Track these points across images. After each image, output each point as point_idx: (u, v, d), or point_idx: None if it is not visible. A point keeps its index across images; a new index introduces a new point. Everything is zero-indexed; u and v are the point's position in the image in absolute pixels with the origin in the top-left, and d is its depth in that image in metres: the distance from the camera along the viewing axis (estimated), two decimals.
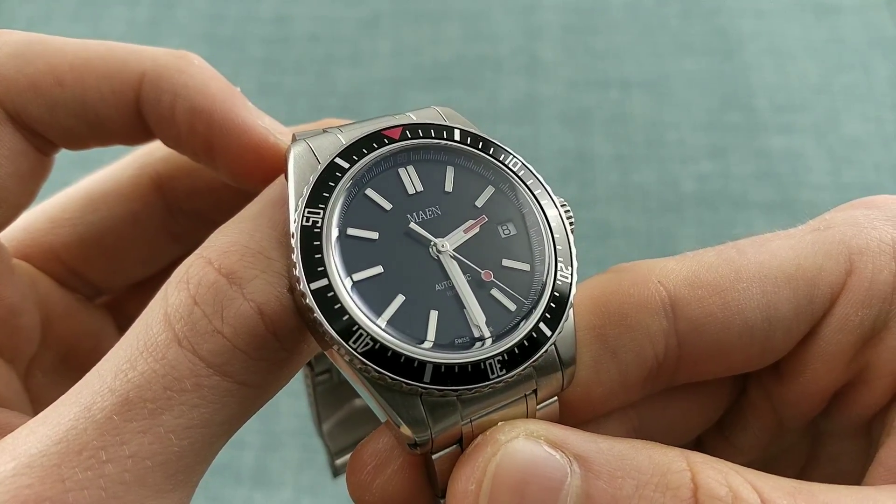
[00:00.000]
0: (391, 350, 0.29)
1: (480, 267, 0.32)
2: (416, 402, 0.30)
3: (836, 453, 0.39)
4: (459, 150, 0.34)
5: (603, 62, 1.02)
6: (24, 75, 0.36)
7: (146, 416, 0.28)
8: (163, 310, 0.30)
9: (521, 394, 0.32)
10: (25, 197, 0.39)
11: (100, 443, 0.28)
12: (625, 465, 0.29)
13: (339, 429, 0.55)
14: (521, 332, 0.31)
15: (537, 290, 0.32)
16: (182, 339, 0.29)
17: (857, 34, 1.03)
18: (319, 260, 0.30)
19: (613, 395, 0.35)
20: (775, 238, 0.36)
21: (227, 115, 0.37)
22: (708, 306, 0.34)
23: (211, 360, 0.29)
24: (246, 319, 0.30)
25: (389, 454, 0.32)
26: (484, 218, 0.33)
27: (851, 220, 0.36)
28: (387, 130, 0.34)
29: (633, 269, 0.35)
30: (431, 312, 0.31)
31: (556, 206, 0.34)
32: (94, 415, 0.28)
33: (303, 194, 0.31)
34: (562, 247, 0.33)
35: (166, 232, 0.47)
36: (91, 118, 0.38)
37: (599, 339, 0.34)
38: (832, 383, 0.36)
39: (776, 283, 0.34)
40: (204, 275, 0.30)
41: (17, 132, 0.38)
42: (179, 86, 0.37)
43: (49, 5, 1.11)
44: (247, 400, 0.31)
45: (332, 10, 1.09)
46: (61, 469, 0.27)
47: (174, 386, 0.29)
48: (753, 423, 0.39)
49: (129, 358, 0.29)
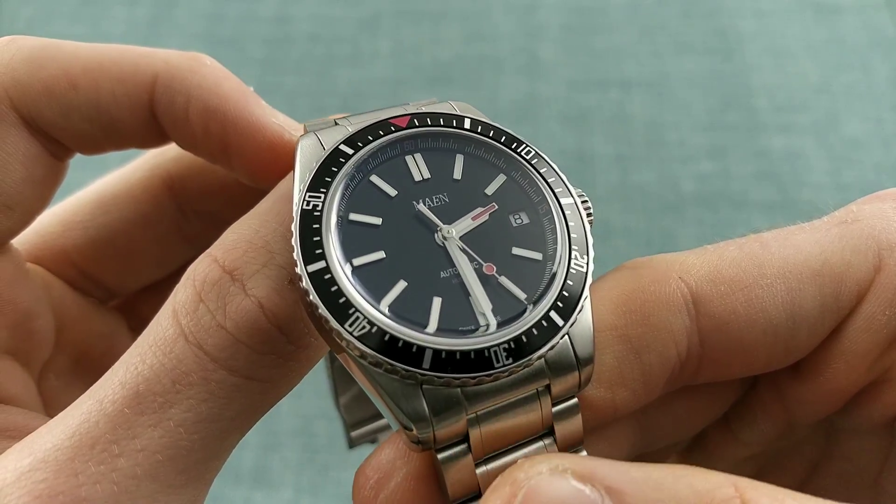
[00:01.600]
0: (388, 334, 0.28)
1: (485, 258, 0.31)
2: (417, 393, 0.29)
3: (853, 451, 0.38)
4: (470, 139, 0.34)
5: (603, 62, 1.02)
6: (38, 80, 0.36)
7: (156, 409, 0.29)
8: (171, 306, 0.31)
9: (531, 389, 0.30)
10: (39, 202, 0.39)
11: (112, 436, 0.28)
12: (663, 495, 0.25)
13: (355, 402, 0.55)
14: (531, 320, 0.30)
15: (548, 279, 0.31)
16: (188, 334, 0.30)
17: (857, 34, 1.03)
18: (318, 243, 0.29)
19: (636, 397, 0.33)
20: (800, 231, 0.34)
21: (241, 114, 0.37)
22: (731, 303, 0.33)
23: (216, 354, 0.30)
24: (248, 314, 0.30)
25: (392, 466, 0.31)
26: (493, 206, 0.33)
27: (880, 213, 0.34)
28: (395, 119, 0.33)
29: (652, 266, 0.34)
30: (435, 299, 0.30)
31: (573, 194, 0.33)
32: (106, 407, 0.29)
33: (305, 180, 0.31)
34: (577, 235, 0.32)
35: (178, 233, 0.47)
36: (105, 122, 0.38)
37: (622, 339, 0.33)
38: (853, 383, 0.34)
39: (801, 280, 0.33)
40: (209, 272, 0.31)
41: (31, 137, 0.37)
42: (193, 87, 0.37)
43: (49, 6, 1.11)
44: (256, 395, 0.31)
45: (332, 10, 1.09)
46: (74, 463, 0.28)
47: (182, 380, 0.29)
48: (762, 418, 0.38)
49: (140, 353, 0.30)
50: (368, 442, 0.58)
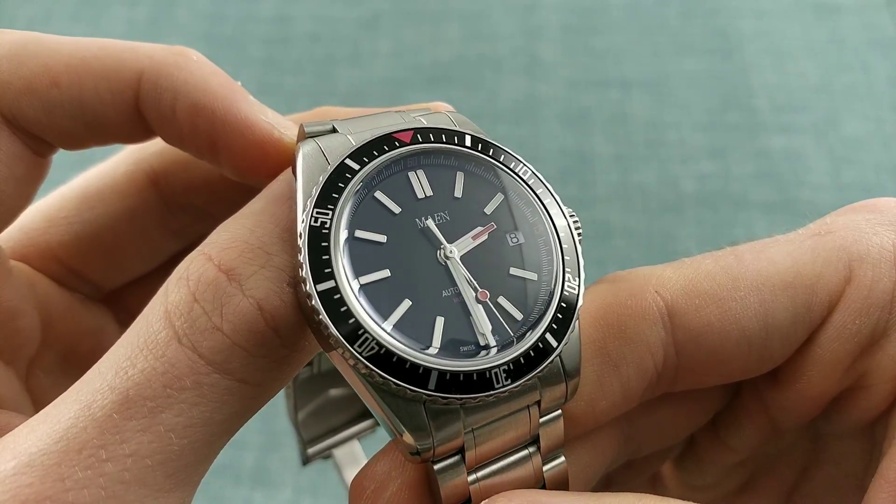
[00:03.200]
0: (396, 355, 0.29)
1: (484, 278, 0.32)
2: (419, 410, 0.29)
3: (839, 455, 0.38)
4: (470, 156, 0.34)
5: (603, 62, 1.02)
6: (19, 77, 0.36)
7: (146, 414, 0.28)
8: (163, 307, 0.30)
9: (524, 404, 0.31)
10: (22, 200, 0.39)
11: (100, 441, 0.28)
12: None
13: (312, 418, 0.55)
14: (528, 342, 0.31)
15: (545, 300, 0.32)
16: (182, 336, 0.29)
17: (857, 34, 1.03)
18: (327, 261, 0.29)
19: (615, 407, 0.34)
20: (774, 244, 0.35)
21: (229, 111, 0.37)
22: (705, 315, 0.34)
23: (211, 357, 0.29)
24: (245, 316, 0.29)
25: (387, 476, 0.31)
26: (493, 225, 0.33)
27: (853, 225, 0.35)
28: (398, 133, 0.33)
29: (629, 279, 0.35)
30: (437, 318, 0.30)
31: (565, 215, 0.34)
32: (94, 413, 0.28)
33: (311, 194, 0.31)
34: (569, 257, 0.33)
35: (164, 227, 0.46)
36: (89, 119, 0.37)
37: (601, 352, 0.34)
38: (828, 390, 0.35)
39: (774, 291, 0.34)
40: (204, 271, 0.30)
41: (13, 135, 0.37)
42: (179, 83, 0.36)
43: (49, 5, 1.11)
44: (247, 398, 0.31)
45: (332, 10, 1.09)
46: (61, 468, 0.27)
47: (174, 384, 0.28)
48: (747, 424, 0.39)
49: (130, 355, 0.29)
50: (322, 458, 0.57)
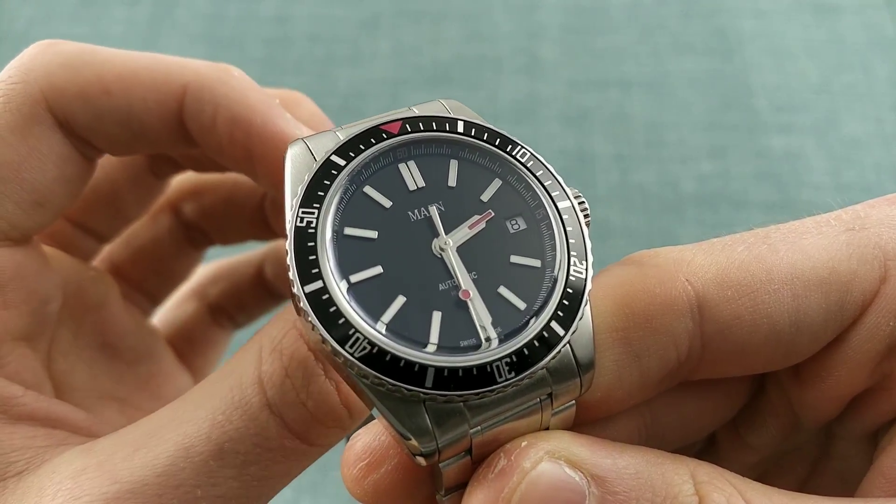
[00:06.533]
0: (389, 354, 0.28)
1: (483, 268, 0.30)
2: (420, 410, 0.28)
3: (847, 454, 0.38)
4: (463, 143, 0.33)
5: (603, 62, 1.02)
6: (74, 84, 0.38)
7: (237, 465, 0.33)
8: (257, 372, 0.34)
9: (534, 400, 0.30)
10: (69, 199, 0.41)
11: (195, 482, 0.33)
12: (640, 484, 0.28)
13: None
14: (532, 332, 0.29)
15: (548, 287, 0.30)
16: (273, 405, 0.33)
17: (857, 34, 1.03)
18: (314, 261, 0.29)
19: (631, 397, 0.33)
20: (808, 234, 0.34)
21: (265, 124, 0.39)
22: (736, 308, 0.32)
23: (295, 427, 0.34)
24: (326, 396, 0.34)
25: (384, 453, 0.31)
26: (490, 213, 0.32)
27: (888, 221, 0.34)
28: (385, 125, 0.32)
29: (657, 264, 0.33)
30: (434, 313, 0.29)
31: (570, 197, 0.33)
32: (193, 457, 0.33)
33: (297, 193, 0.30)
34: (575, 240, 0.31)
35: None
36: (136, 126, 0.40)
37: (623, 342, 0.32)
38: (853, 389, 0.34)
39: (808, 287, 0.32)
40: (296, 349, 0.34)
41: (65, 139, 0.39)
42: (220, 96, 0.39)
43: (49, 6, 1.11)
44: (315, 456, 0.35)
45: (332, 10, 1.09)
46: (162, 499, 0.32)
47: (263, 444, 0.33)
48: (771, 422, 0.38)
49: (225, 410, 0.34)
50: None
